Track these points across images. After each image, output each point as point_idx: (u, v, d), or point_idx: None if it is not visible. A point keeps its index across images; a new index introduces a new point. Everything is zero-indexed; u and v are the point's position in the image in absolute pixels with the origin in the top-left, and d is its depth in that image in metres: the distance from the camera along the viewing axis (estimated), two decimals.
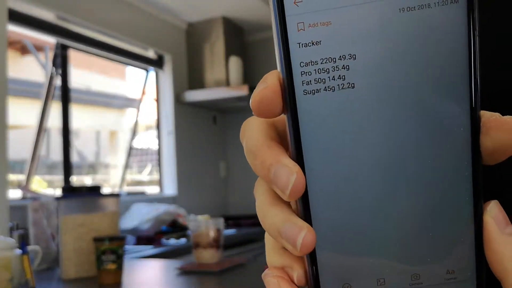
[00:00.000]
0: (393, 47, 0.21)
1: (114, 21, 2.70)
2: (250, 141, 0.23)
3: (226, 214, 3.24)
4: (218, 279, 1.31)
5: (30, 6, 2.24)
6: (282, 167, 0.21)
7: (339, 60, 0.21)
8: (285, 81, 0.22)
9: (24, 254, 1.03)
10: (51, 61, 2.49)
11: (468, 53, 0.20)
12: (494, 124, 0.21)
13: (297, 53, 0.21)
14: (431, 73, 0.20)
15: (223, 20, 3.19)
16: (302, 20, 0.21)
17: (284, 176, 0.21)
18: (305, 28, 0.21)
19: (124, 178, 3.01)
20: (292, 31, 0.21)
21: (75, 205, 1.43)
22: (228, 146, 3.60)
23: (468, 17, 0.20)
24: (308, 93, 0.21)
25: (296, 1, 0.21)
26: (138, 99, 3.17)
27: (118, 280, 1.29)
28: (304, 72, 0.21)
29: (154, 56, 3.13)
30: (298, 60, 0.21)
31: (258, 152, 0.22)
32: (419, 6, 0.20)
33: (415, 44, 0.20)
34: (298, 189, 0.21)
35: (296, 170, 0.21)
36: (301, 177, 0.21)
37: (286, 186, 0.21)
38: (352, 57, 0.21)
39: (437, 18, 0.20)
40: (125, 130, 3.19)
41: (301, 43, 0.21)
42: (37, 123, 2.40)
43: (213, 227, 1.44)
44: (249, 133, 0.23)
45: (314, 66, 0.21)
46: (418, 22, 0.20)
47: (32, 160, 2.37)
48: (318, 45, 0.21)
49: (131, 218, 2.46)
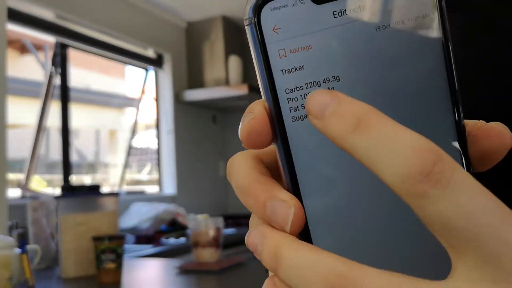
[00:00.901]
0: (374, 66, 0.21)
1: (113, 20, 2.70)
2: (240, 180, 0.22)
3: (226, 213, 3.24)
4: (217, 278, 1.31)
5: (29, 5, 2.24)
6: (278, 202, 0.20)
7: (323, 83, 0.21)
8: (272, 109, 0.21)
9: (23, 253, 1.03)
10: (50, 60, 2.49)
11: (445, 64, 0.20)
12: (480, 132, 0.21)
13: (281, 80, 0.21)
14: (413, 87, 0.20)
15: (222, 19, 3.19)
16: (283, 46, 0.21)
17: (282, 212, 0.20)
18: (287, 54, 0.21)
19: (124, 177, 3.01)
20: (274, 59, 0.21)
21: (75, 204, 1.43)
22: (228, 145, 3.60)
23: (441, 29, 0.20)
24: (297, 119, 0.21)
25: (275, 28, 0.21)
26: (137, 98, 3.16)
27: (117, 279, 1.29)
28: (291, 99, 0.21)
29: (154, 55, 3.13)
30: (283, 87, 0.21)
31: (250, 190, 0.21)
32: (394, 23, 0.20)
33: (395, 60, 0.21)
34: (299, 223, 0.20)
35: (294, 203, 0.20)
36: (299, 210, 0.20)
37: (285, 221, 0.20)
38: (336, 79, 0.21)
39: (412, 33, 0.20)
40: (125, 129, 3.18)
41: (284, 69, 0.21)
42: (37, 122, 2.40)
43: (213, 226, 1.44)
44: (237, 171, 0.22)
45: (300, 92, 0.21)
46: (395, 39, 0.20)
47: (32, 159, 2.37)
48: (301, 70, 0.21)
49: (130, 217, 2.46)
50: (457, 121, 0.20)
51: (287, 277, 0.19)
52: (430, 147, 0.17)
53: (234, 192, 0.84)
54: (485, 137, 0.21)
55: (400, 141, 0.17)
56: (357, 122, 0.18)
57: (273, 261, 0.20)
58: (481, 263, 0.17)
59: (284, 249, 0.20)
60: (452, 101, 0.20)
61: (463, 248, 0.17)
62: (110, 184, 3.01)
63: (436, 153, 0.17)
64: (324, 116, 0.19)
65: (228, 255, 2.23)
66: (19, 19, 2.22)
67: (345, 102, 0.19)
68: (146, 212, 2.46)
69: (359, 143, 0.18)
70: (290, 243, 0.20)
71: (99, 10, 2.61)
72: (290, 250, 0.20)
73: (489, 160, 0.21)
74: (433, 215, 0.17)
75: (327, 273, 0.18)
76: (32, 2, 2.23)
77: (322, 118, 0.19)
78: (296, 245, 0.20)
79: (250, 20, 0.21)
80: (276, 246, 0.20)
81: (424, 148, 0.17)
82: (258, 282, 1.43)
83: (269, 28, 0.21)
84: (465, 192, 0.17)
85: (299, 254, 0.19)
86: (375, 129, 0.18)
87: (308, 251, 0.19)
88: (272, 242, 0.20)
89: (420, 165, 0.17)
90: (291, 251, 0.19)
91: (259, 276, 1.33)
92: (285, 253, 0.20)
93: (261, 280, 0.73)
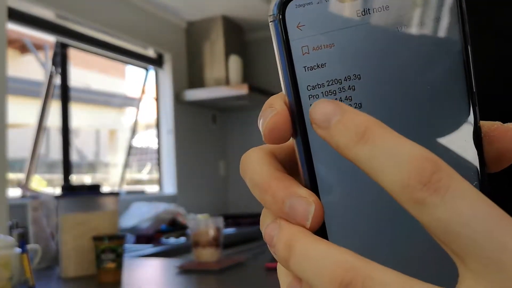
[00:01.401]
0: (395, 65, 0.21)
1: (114, 20, 2.70)
2: (256, 176, 0.22)
3: (226, 213, 3.24)
4: (217, 277, 1.31)
5: (29, 5, 2.24)
6: (298, 198, 0.21)
7: (344, 81, 0.21)
8: (293, 105, 0.22)
9: (23, 252, 1.03)
10: (50, 60, 2.49)
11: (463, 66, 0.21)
12: (497, 133, 0.21)
13: (303, 76, 0.21)
14: (432, 88, 0.21)
15: (222, 19, 3.19)
16: (306, 43, 0.21)
17: (302, 208, 0.20)
18: (310, 51, 0.21)
19: (124, 177, 3.01)
20: (297, 55, 0.21)
21: (75, 204, 1.43)
22: (228, 145, 3.60)
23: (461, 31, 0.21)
24: None
25: (299, 25, 0.21)
26: (137, 98, 3.17)
27: (117, 279, 1.29)
28: (312, 95, 0.21)
29: (154, 55, 3.13)
30: (305, 83, 0.21)
31: (267, 186, 0.21)
32: (416, 24, 0.21)
33: (415, 61, 0.21)
34: (318, 220, 0.20)
35: (314, 200, 0.21)
36: (319, 206, 0.21)
37: (305, 218, 0.20)
38: (357, 77, 0.21)
39: (433, 34, 0.21)
40: (125, 129, 3.18)
41: (307, 66, 0.21)
42: (37, 122, 2.40)
43: (213, 226, 1.44)
44: (252, 167, 0.22)
45: (321, 89, 0.21)
46: (416, 39, 0.21)
47: (32, 159, 2.37)
48: (324, 67, 0.21)
49: (130, 217, 2.46)
50: (474, 122, 0.20)
51: (298, 268, 0.20)
52: (429, 157, 0.18)
53: (234, 192, 0.85)
54: (501, 138, 0.21)
55: (400, 151, 0.18)
56: (361, 133, 0.19)
57: (286, 252, 0.20)
58: (483, 269, 0.17)
59: (298, 241, 0.20)
60: (469, 102, 0.21)
61: (464, 254, 0.17)
62: (110, 184, 3.01)
63: (435, 162, 0.17)
64: (329, 127, 0.19)
65: (228, 255, 2.23)
66: (19, 18, 2.22)
67: (349, 113, 0.19)
68: (146, 211, 2.46)
69: (362, 153, 0.18)
70: (304, 235, 0.20)
71: (99, 9, 2.61)
72: (303, 242, 0.20)
73: (504, 161, 0.21)
74: (433, 222, 0.17)
75: (337, 265, 0.19)
76: (32, 2, 2.23)
77: (327, 129, 0.19)
78: (311, 237, 0.20)
79: (274, 17, 0.22)
80: (290, 237, 0.20)
81: (423, 157, 0.18)
82: (258, 282, 1.43)
83: (293, 25, 0.21)
84: (463, 199, 0.17)
85: (311, 246, 0.20)
86: (378, 140, 0.18)
87: (321, 244, 0.20)
88: (287, 233, 0.20)
89: (418, 174, 0.17)
90: (304, 243, 0.20)
91: (259, 276, 1.33)
92: (298, 244, 0.20)
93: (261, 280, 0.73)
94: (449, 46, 0.21)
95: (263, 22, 3.34)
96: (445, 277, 0.19)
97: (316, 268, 0.19)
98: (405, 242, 0.21)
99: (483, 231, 0.17)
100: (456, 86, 0.21)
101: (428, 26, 0.21)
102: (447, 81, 0.21)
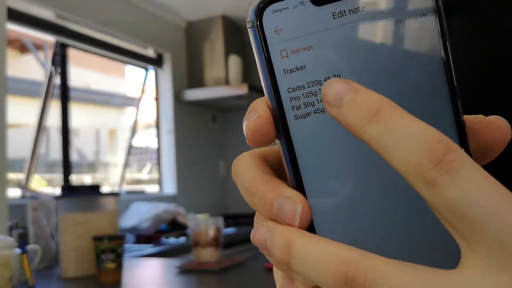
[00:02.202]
0: (373, 63, 0.21)
1: (113, 20, 2.70)
2: (245, 180, 0.22)
3: (226, 213, 3.24)
4: (217, 277, 1.31)
5: (29, 5, 2.24)
6: (285, 199, 0.21)
7: (324, 81, 0.21)
8: (275, 108, 0.22)
9: (23, 253, 1.03)
10: (50, 60, 2.49)
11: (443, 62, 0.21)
12: (480, 126, 0.21)
13: (283, 80, 0.22)
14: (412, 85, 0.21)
15: (222, 19, 3.19)
16: (285, 47, 0.22)
17: (290, 208, 0.21)
18: (288, 54, 0.22)
19: (124, 177, 3.01)
20: (276, 59, 0.22)
21: (75, 204, 1.43)
22: (228, 145, 3.60)
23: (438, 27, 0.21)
24: (300, 117, 0.22)
25: (277, 30, 0.22)
26: (137, 98, 3.16)
27: (117, 279, 1.29)
28: (293, 98, 0.22)
29: (154, 55, 3.13)
30: (285, 86, 0.22)
31: (256, 189, 0.22)
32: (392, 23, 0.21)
33: (393, 58, 0.21)
34: (306, 219, 0.21)
35: (301, 200, 0.21)
36: (306, 206, 0.21)
37: (293, 218, 0.21)
38: (337, 77, 0.21)
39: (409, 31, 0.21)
40: (125, 128, 3.18)
41: (286, 69, 0.22)
42: (37, 121, 2.40)
43: (213, 226, 1.44)
44: (242, 171, 0.23)
45: (302, 91, 0.22)
46: (393, 38, 0.21)
47: (32, 159, 2.37)
48: (303, 69, 0.22)
49: (130, 217, 2.46)
50: (457, 116, 0.21)
51: (300, 268, 0.20)
52: (441, 138, 0.18)
53: (234, 192, 0.85)
54: (484, 131, 0.21)
55: (414, 131, 0.18)
56: (374, 112, 0.19)
57: (285, 254, 0.20)
58: (488, 250, 0.17)
59: (296, 241, 0.20)
60: (451, 96, 0.21)
61: (470, 234, 0.18)
62: (110, 184, 3.01)
63: (447, 143, 0.18)
64: (341, 105, 0.19)
65: (228, 254, 2.23)
66: (19, 18, 2.22)
67: (362, 92, 0.19)
68: (146, 211, 2.46)
69: (375, 132, 0.19)
70: (301, 234, 0.20)
71: (99, 9, 2.61)
72: (302, 241, 0.20)
73: (489, 154, 0.22)
74: (442, 201, 0.18)
75: (340, 261, 0.19)
76: (32, 2, 2.23)
77: (340, 107, 0.19)
78: (308, 236, 0.20)
79: (252, 23, 0.22)
80: (287, 239, 0.20)
81: (436, 138, 0.18)
82: (258, 282, 1.43)
83: (271, 30, 0.22)
84: (473, 180, 0.17)
85: (311, 245, 0.20)
86: (391, 119, 0.19)
87: (320, 241, 0.20)
88: (282, 235, 0.21)
89: (431, 154, 0.18)
90: (303, 242, 0.20)
91: (259, 276, 1.33)
92: (297, 244, 0.20)
93: (261, 280, 0.73)
94: (427, 43, 0.21)
95: None
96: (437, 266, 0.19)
97: (319, 266, 0.19)
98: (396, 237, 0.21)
99: (490, 210, 0.17)
100: (437, 81, 0.21)
101: (404, 24, 0.21)
102: (427, 77, 0.21)
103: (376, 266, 0.18)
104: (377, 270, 0.18)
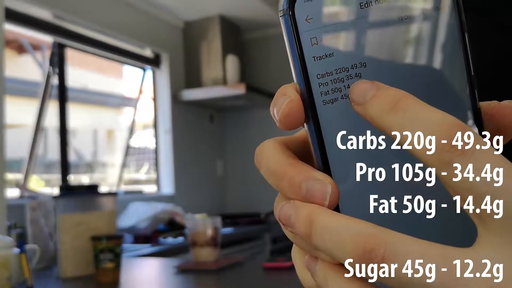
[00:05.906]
0: (397, 53, 0.22)
1: (111, 20, 2.70)
2: (271, 164, 0.23)
3: (224, 213, 3.24)
4: (215, 277, 1.32)
5: (27, 5, 2.24)
6: (314, 181, 0.22)
7: (351, 69, 0.23)
8: (305, 93, 0.23)
9: (22, 253, 1.03)
10: (48, 60, 2.49)
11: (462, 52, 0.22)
12: (495, 111, 0.22)
13: (313, 66, 0.23)
14: (433, 73, 0.22)
15: (220, 19, 3.19)
16: (315, 35, 0.23)
17: (319, 190, 0.22)
18: (318, 42, 0.23)
19: (122, 177, 3.01)
20: (307, 47, 0.23)
21: (73, 204, 1.43)
22: (225, 145, 3.61)
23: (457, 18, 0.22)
24: (328, 102, 0.23)
25: (307, 19, 0.23)
26: (135, 98, 3.17)
27: (115, 278, 1.29)
28: (322, 83, 0.23)
29: (151, 55, 3.13)
30: (314, 72, 0.23)
31: (283, 172, 0.23)
32: (416, 14, 0.22)
33: (416, 48, 0.22)
34: (335, 200, 0.22)
35: (329, 181, 0.22)
36: (335, 187, 0.22)
37: (323, 198, 0.22)
38: (362, 65, 0.23)
39: (432, 22, 0.22)
40: (122, 129, 3.19)
41: (316, 56, 0.23)
42: (34, 122, 2.40)
43: (211, 226, 1.45)
44: (267, 156, 0.24)
45: (330, 77, 0.23)
46: (416, 28, 0.22)
47: (30, 159, 2.37)
48: (331, 57, 0.23)
49: (128, 217, 2.46)
50: (474, 103, 0.22)
51: (320, 241, 0.21)
52: (457, 123, 0.19)
53: (232, 192, 0.86)
54: (500, 114, 0.22)
55: (431, 118, 0.20)
56: (394, 103, 0.20)
57: (307, 227, 0.21)
58: (503, 226, 0.18)
59: (318, 215, 0.21)
60: (469, 85, 0.22)
61: (486, 213, 0.19)
62: (108, 184, 3.01)
63: (463, 128, 0.19)
64: (365, 102, 0.21)
65: (226, 254, 2.23)
66: (16, 19, 2.22)
67: (383, 88, 0.21)
68: (144, 211, 2.46)
69: (395, 121, 0.20)
70: (324, 210, 0.21)
71: (96, 9, 2.61)
72: (323, 216, 0.21)
73: (505, 137, 0.23)
74: (458, 182, 0.19)
75: (359, 234, 0.20)
76: (29, 2, 2.23)
77: (363, 104, 0.21)
78: (329, 212, 0.21)
79: (284, 11, 0.23)
80: (310, 213, 0.21)
81: (453, 123, 0.19)
82: (256, 282, 1.43)
83: (302, 19, 0.23)
84: (487, 160, 0.19)
85: (332, 219, 0.21)
86: (410, 108, 0.20)
87: (341, 217, 0.21)
88: (306, 210, 0.22)
89: (448, 138, 0.19)
90: (324, 217, 0.21)
91: (256, 275, 1.34)
92: (319, 218, 0.21)
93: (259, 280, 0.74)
94: (448, 33, 0.22)
95: (260, 22, 3.35)
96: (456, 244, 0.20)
97: (338, 238, 0.20)
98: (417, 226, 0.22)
99: (504, 189, 0.18)
100: (456, 70, 0.22)
101: (428, 15, 0.22)
102: (447, 66, 0.22)
103: (395, 239, 0.19)
104: (396, 242, 0.19)
